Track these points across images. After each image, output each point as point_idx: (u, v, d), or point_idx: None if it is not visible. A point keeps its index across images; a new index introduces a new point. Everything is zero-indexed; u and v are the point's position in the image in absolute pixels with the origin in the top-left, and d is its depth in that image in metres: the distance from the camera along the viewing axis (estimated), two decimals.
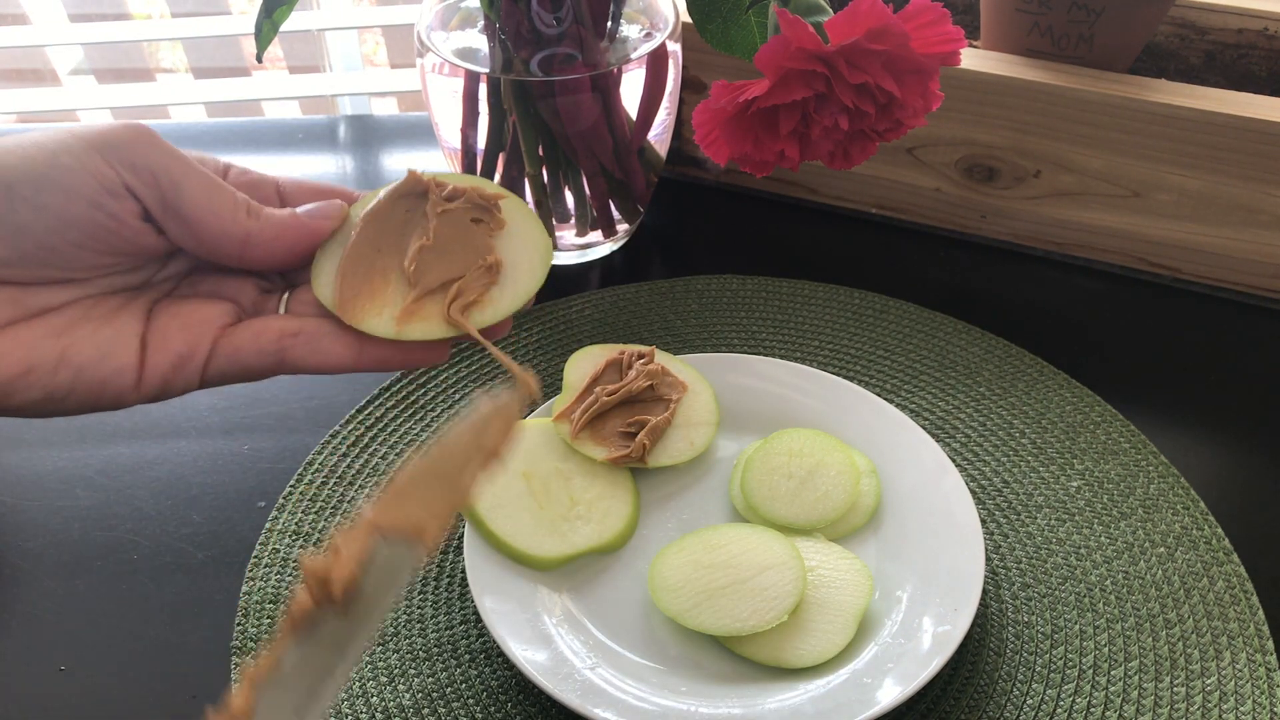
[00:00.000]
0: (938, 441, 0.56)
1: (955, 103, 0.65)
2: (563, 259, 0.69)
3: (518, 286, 0.33)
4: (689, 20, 0.57)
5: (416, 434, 0.58)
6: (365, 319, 0.31)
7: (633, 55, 0.61)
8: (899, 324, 0.65)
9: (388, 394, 0.59)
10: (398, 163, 0.79)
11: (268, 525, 0.53)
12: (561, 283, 0.68)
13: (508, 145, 0.63)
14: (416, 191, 0.33)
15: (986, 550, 0.52)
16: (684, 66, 0.68)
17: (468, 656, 0.48)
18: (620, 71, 0.61)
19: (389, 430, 0.58)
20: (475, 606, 0.49)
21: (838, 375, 0.59)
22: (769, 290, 0.67)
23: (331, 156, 0.80)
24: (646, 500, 0.54)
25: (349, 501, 0.55)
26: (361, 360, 0.32)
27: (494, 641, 0.48)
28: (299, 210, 0.32)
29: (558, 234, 0.67)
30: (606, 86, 0.60)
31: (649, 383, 0.55)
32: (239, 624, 0.49)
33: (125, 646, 0.49)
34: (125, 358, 0.30)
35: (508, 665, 0.48)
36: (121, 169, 0.29)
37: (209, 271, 0.33)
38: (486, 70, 0.60)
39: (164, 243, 0.31)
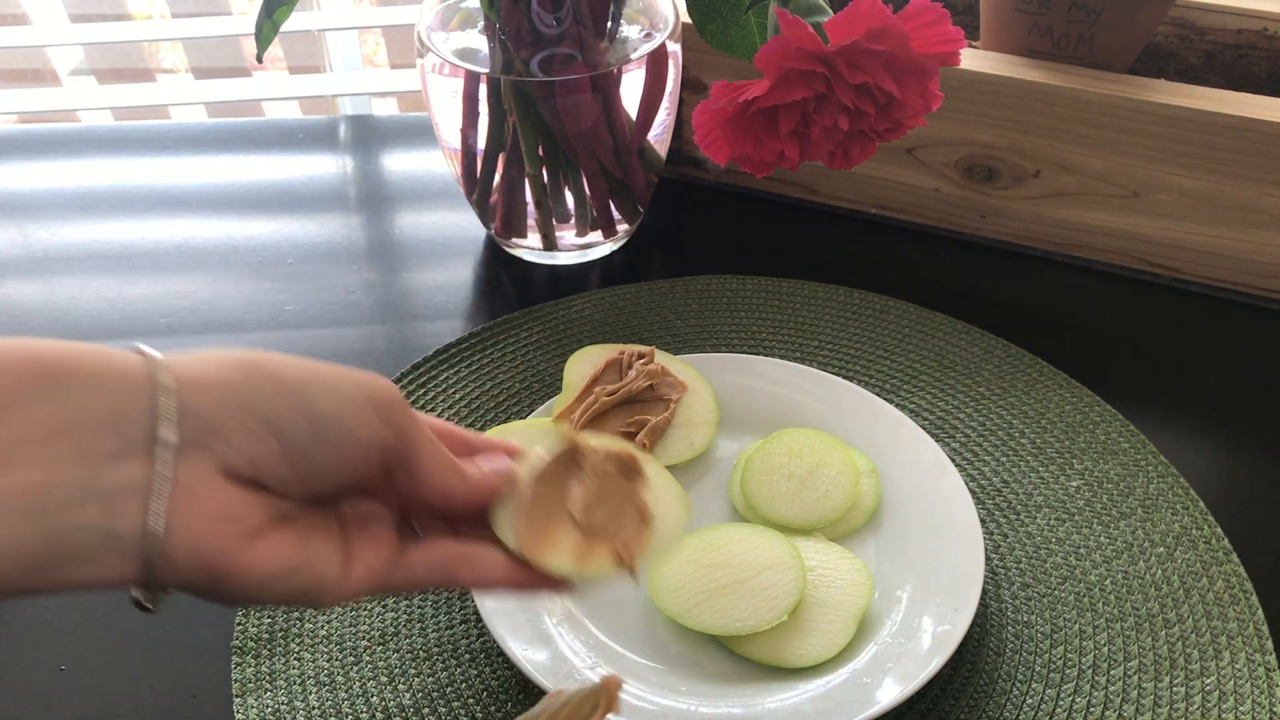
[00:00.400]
0: (938, 441, 0.56)
1: (955, 103, 0.65)
2: (563, 259, 0.69)
3: (667, 532, 0.40)
4: (689, 20, 0.57)
5: None
6: (547, 559, 0.37)
7: (633, 55, 0.61)
8: (899, 324, 0.65)
9: None
10: (398, 163, 0.79)
11: None
12: (561, 283, 0.68)
13: (508, 145, 0.63)
14: (569, 449, 0.40)
15: (986, 550, 0.52)
16: (684, 66, 0.68)
17: (468, 656, 0.48)
18: (620, 71, 0.61)
19: None
20: (475, 606, 0.49)
21: (838, 375, 0.59)
22: (769, 290, 0.67)
23: (331, 157, 0.80)
24: None
25: None
26: (513, 581, 0.37)
27: (494, 641, 0.48)
28: (485, 471, 0.38)
29: (558, 234, 0.67)
30: (606, 86, 0.60)
31: (649, 383, 0.55)
32: (239, 624, 0.49)
33: (125, 646, 0.49)
34: (338, 567, 0.34)
35: (508, 665, 0.48)
36: (388, 429, 0.34)
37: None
38: (486, 70, 0.60)
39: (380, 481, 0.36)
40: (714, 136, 0.44)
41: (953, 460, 0.55)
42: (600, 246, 0.69)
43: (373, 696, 0.47)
